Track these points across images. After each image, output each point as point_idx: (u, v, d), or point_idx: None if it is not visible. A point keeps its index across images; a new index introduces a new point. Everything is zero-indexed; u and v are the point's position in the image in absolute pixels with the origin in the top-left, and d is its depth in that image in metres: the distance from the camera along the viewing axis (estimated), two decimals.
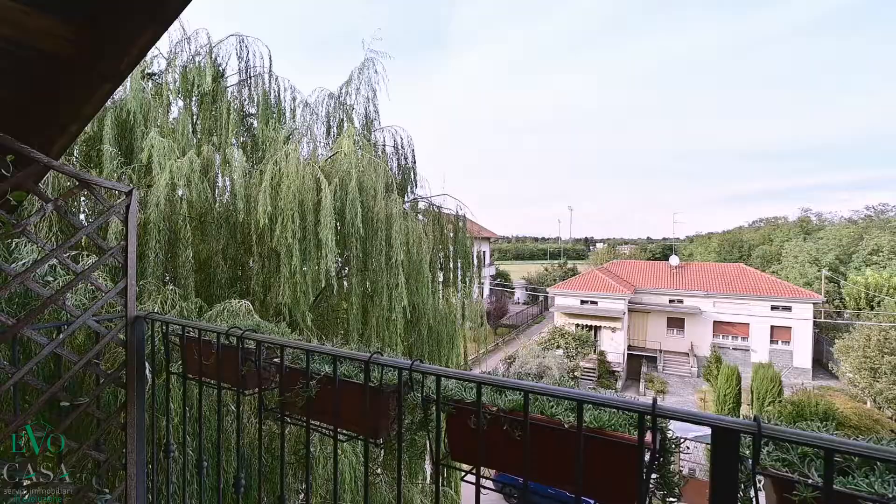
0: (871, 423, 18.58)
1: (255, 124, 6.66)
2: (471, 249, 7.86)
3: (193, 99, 6.25)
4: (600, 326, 28.44)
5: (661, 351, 29.12)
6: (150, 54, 6.34)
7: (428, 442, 1.75)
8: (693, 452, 14.87)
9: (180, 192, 5.08)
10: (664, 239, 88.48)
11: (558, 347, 25.20)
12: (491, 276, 43.82)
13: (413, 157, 7.78)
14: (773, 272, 42.14)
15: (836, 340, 24.80)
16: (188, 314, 4.09)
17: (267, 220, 4.97)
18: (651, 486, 1.43)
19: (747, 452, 1.21)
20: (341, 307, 6.63)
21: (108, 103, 5.18)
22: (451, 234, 7.77)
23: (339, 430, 1.96)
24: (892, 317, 25.33)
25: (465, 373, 1.69)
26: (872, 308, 29.71)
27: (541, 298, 44.85)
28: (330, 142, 7.25)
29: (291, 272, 5.00)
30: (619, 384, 25.88)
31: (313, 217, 5.31)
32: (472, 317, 7.94)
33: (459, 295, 7.77)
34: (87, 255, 4.10)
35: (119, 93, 5.34)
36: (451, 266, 7.84)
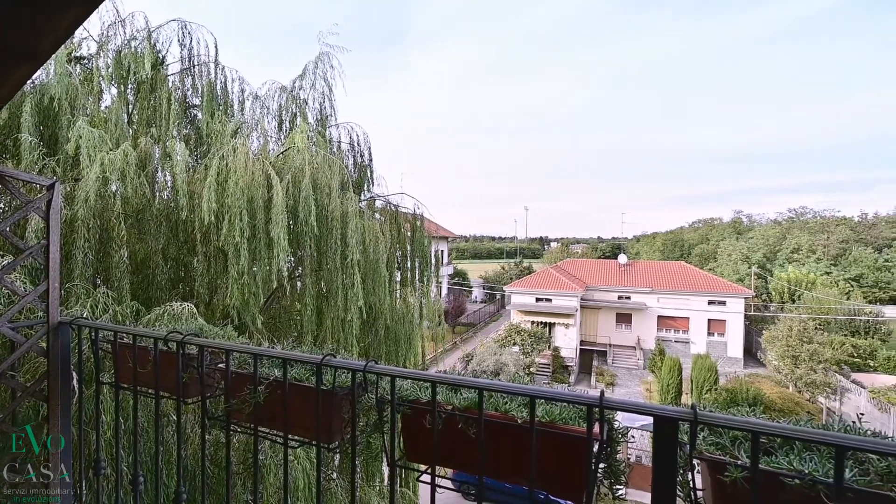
0: (792, 405, 20.47)
1: (200, 116, 6.28)
2: (428, 248, 7.85)
3: (129, 87, 5.80)
4: (554, 323, 29.37)
5: (610, 345, 30.51)
6: (78, 35, 5.82)
7: (383, 443, 1.72)
8: (640, 441, 15.70)
9: (114, 188, 4.69)
10: (613, 238, 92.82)
11: (515, 344, 25.76)
12: (449, 275, 44.06)
13: (370, 154, 7.66)
14: (710, 269, 45.34)
15: (764, 331, 27.07)
16: (123, 319, 3.79)
17: (213, 218, 4.70)
18: (599, 475, 1.48)
19: (686, 438, 1.28)
20: (294, 308, 6.41)
21: (28, 87, 4.69)
22: (409, 233, 7.72)
23: (289, 435, 1.88)
24: (810, 309, 28.02)
25: (420, 372, 1.68)
26: (794, 301, 32.70)
27: (498, 297, 45.65)
28: (282, 137, 6.98)
29: (240, 272, 4.76)
30: (572, 378, 26.86)
31: (264, 215, 5.08)
32: (430, 316, 7.93)
33: (417, 294, 7.74)
34: (2, 256, 3.70)
35: (41, 76, 4.85)
36: (409, 265, 7.79)
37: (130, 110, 5.96)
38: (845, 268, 44.59)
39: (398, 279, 7.68)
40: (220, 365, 2.04)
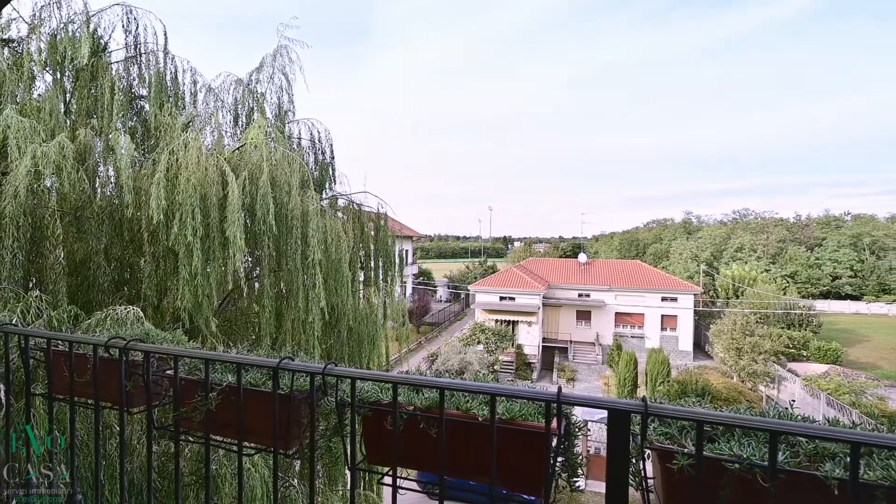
0: (736, 394, 21.87)
1: (147, 108, 5.92)
2: (393, 248, 7.78)
3: (67, 74, 5.38)
4: (518, 321, 29.93)
5: (571, 342, 31.45)
6: (6, 14, 5.33)
7: (344, 447, 1.68)
8: (598, 433, 16.27)
9: (48, 182, 4.34)
10: (574, 238, 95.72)
11: (479, 343, 26.03)
12: (413, 274, 43.90)
13: (331, 152, 7.49)
14: (663, 268, 47.70)
15: (711, 326, 28.77)
16: (59, 324, 3.51)
17: (162, 216, 4.43)
18: (557, 468, 1.52)
19: (638, 430, 1.34)
20: (252, 310, 6.17)
21: None
22: (373, 233, 7.62)
23: (244, 443, 1.81)
24: (751, 304, 30.03)
25: (381, 374, 1.66)
26: (738, 297, 34.96)
27: (462, 296, 45.96)
28: (238, 132, 6.70)
29: (192, 273, 4.52)
30: (535, 375, 27.47)
31: (218, 213, 4.86)
32: (394, 316, 7.87)
33: (381, 294, 7.65)
34: None
35: None
36: (373, 265, 7.69)
37: (68, 99, 5.53)
38: (782, 265, 48.18)
39: (361, 279, 7.57)
40: (168, 371, 1.93)
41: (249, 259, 6.34)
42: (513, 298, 30.27)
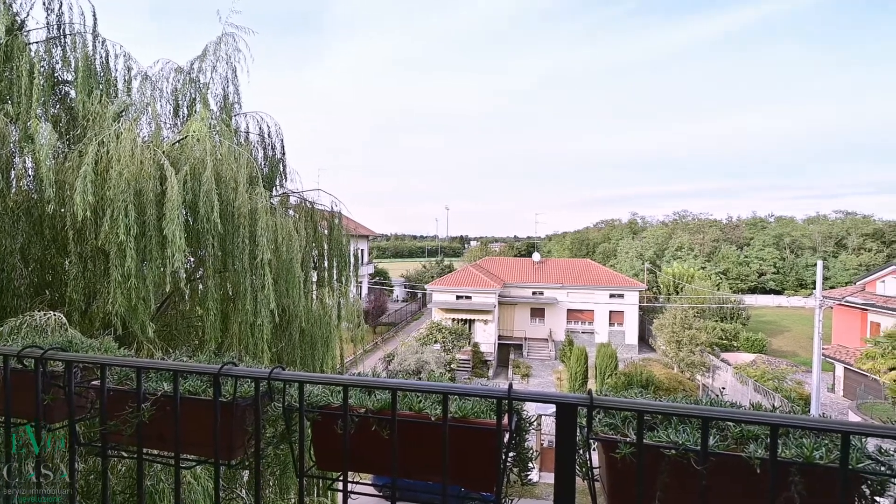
0: (677, 384, 23.34)
1: (74, 94, 5.42)
2: (347, 247, 7.61)
3: None
4: (474, 319, 30.29)
5: (525, 338, 32.28)
6: None
7: (292, 453, 1.62)
8: (551, 427, 16.79)
9: None
10: (529, 237, 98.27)
11: (436, 342, 26.08)
12: (369, 274, 43.26)
13: (282, 147, 7.21)
14: (611, 266, 50.07)
15: (654, 320, 30.53)
16: None
17: (89, 213, 4.07)
18: (509, 463, 1.54)
19: (585, 422, 1.38)
20: (195, 314, 5.82)
21: None
22: (326, 232, 7.42)
23: (183, 455, 1.69)
24: (689, 299, 32.17)
25: (331, 376, 1.61)
26: (678, 293, 37.32)
27: (419, 295, 45.87)
28: (179, 124, 6.29)
29: (125, 275, 4.19)
30: (491, 372, 27.93)
31: (156, 210, 4.53)
32: (349, 317, 7.70)
33: (335, 295, 7.46)
34: None
35: None
36: (327, 265, 7.49)
37: None
38: (716, 263, 52.07)
39: (315, 279, 7.35)
40: (94, 382, 1.77)
41: (192, 259, 5.97)
42: (469, 297, 30.59)
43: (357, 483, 1.67)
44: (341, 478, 1.58)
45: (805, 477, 1.16)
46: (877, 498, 1.19)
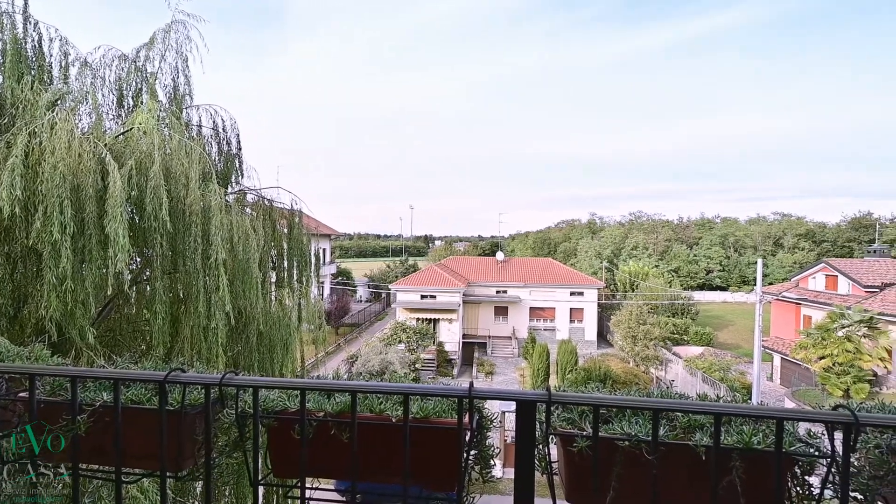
0: (633, 377, 24.38)
1: (1, 80, 4.96)
2: (308, 246, 7.41)
3: None
4: (439, 319, 30.34)
5: (490, 337, 32.68)
6: None
7: (245, 461, 1.55)
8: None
9: None
10: (492, 237, 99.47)
11: (400, 342, 25.92)
12: (332, 274, 42.38)
13: (238, 142, 6.92)
14: (572, 264, 51.60)
15: (612, 316, 31.76)
16: None
17: (18, 210, 3.73)
18: (470, 462, 1.55)
19: (544, 417, 1.41)
20: (142, 318, 5.48)
21: None
22: (286, 230, 7.19)
23: (125, 468, 1.58)
24: (644, 296, 33.72)
25: (288, 380, 1.56)
26: (633, 290, 39.00)
27: (383, 295, 45.42)
28: (123, 115, 5.90)
29: (61, 277, 3.87)
30: (456, 371, 28.08)
31: (96, 207, 4.22)
32: (310, 318, 7.50)
33: (295, 296, 7.25)
34: None
35: None
36: (286, 265, 7.26)
37: None
38: (668, 261, 54.85)
39: (274, 280, 7.11)
40: (22, 394, 1.63)
41: (138, 260, 5.62)
42: (434, 296, 30.61)
43: (316, 489, 1.62)
44: (296, 484, 1.53)
45: (745, 461, 1.24)
46: (806, 477, 1.29)
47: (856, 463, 1.25)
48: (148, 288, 5.32)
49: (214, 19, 6.19)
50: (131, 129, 4.96)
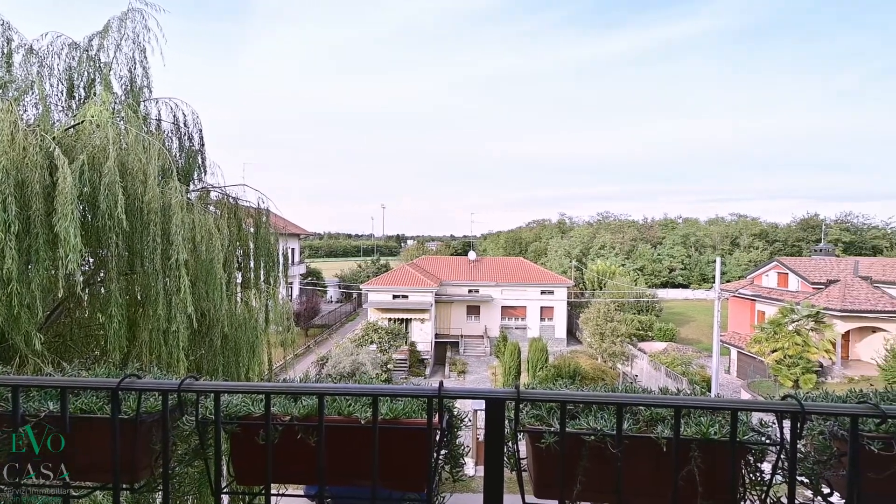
0: (600, 373, 25.04)
1: None
2: (276, 246, 7.21)
3: None
4: (411, 319, 30.24)
5: (462, 336, 32.83)
6: None
7: (207, 469, 1.49)
8: None
9: None
10: (465, 236, 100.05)
11: (372, 343, 25.66)
12: (301, 274, 41.49)
13: (201, 138, 6.65)
14: (542, 263, 52.53)
15: (581, 314, 32.54)
16: None
17: None
18: (441, 461, 1.55)
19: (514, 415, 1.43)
20: (96, 321, 5.19)
21: None
22: (252, 230, 6.97)
23: (74, 483, 1.49)
24: (611, 294, 34.75)
25: (251, 384, 1.52)
26: (601, 288, 40.11)
27: (354, 295, 44.84)
28: (74, 107, 5.56)
29: (5, 279, 3.61)
30: (428, 370, 28.05)
31: (44, 205, 3.97)
32: (278, 320, 7.31)
33: (263, 297, 7.04)
34: None
35: None
36: (253, 265, 7.04)
37: None
38: (634, 260, 56.73)
39: (239, 281, 6.88)
40: None
41: (91, 260, 5.32)
42: (406, 296, 30.47)
43: (283, 496, 1.58)
44: (261, 491, 1.48)
45: (703, 451, 1.29)
46: (759, 464, 1.36)
47: (802, 449, 1.33)
48: (102, 290, 5.04)
49: (176, 9, 5.92)
50: (83, 121, 4.68)
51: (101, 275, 5.07)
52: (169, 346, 4.82)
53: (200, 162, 6.71)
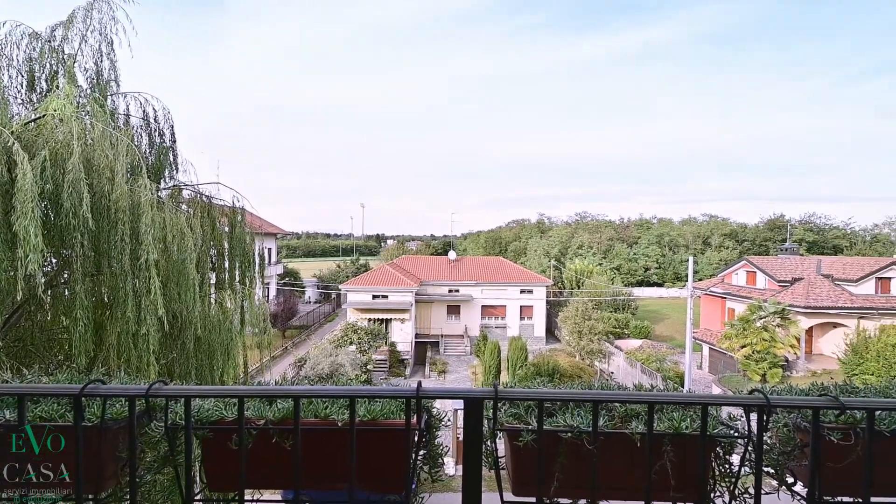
0: (578, 371, 25.45)
1: None
2: (251, 246, 7.06)
3: None
4: (391, 319, 30.06)
5: (442, 335, 32.84)
6: None
7: (177, 476, 1.45)
8: None
9: None
10: (445, 236, 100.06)
11: (351, 343, 25.40)
12: (278, 274, 40.73)
13: (172, 134, 6.45)
14: (522, 263, 53.01)
15: (559, 313, 33.01)
16: None
17: None
18: (419, 462, 1.54)
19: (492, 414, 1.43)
20: (59, 325, 4.97)
21: None
22: (227, 229, 6.80)
23: (34, 493, 1.42)
24: (589, 293, 35.39)
25: (224, 388, 1.48)
26: (579, 287, 40.78)
27: (333, 296, 44.30)
28: (35, 100, 5.31)
29: None
30: (408, 371, 27.96)
31: (2, 202, 3.77)
32: (253, 321, 7.15)
33: (238, 298, 6.88)
34: None
35: None
36: (227, 265, 6.87)
37: None
38: (611, 259, 57.90)
39: (213, 282, 6.70)
40: None
41: (55, 261, 5.09)
42: (386, 296, 30.28)
43: (258, 501, 1.55)
44: (234, 497, 1.44)
45: (675, 445, 1.32)
46: (728, 456, 1.40)
47: (769, 441, 1.38)
48: (67, 292, 4.83)
49: (147, 1, 5.72)
50: (44, 115, 4.47)
51: (66, 276, 4.86)
52: (139, 350, 4.66)
53: (172, 159, 6.50)
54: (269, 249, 37.20)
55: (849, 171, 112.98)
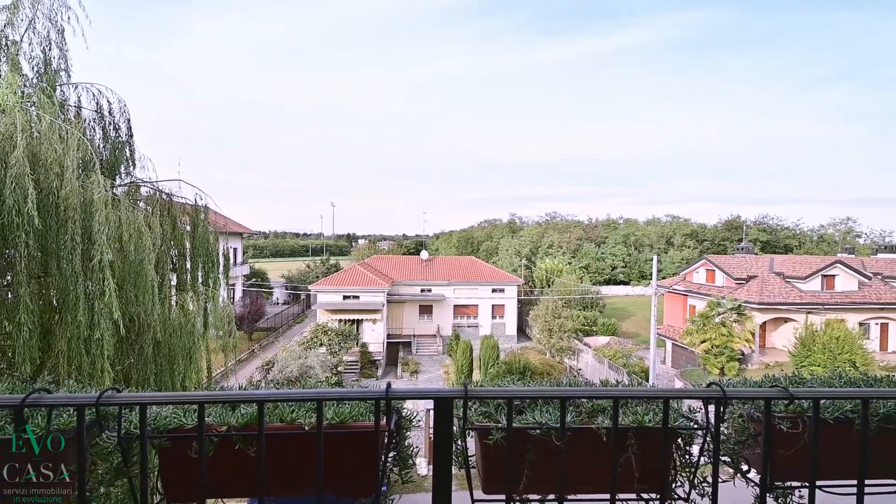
0: (549, 368, 25.91)
1: None
2: (215, 245, 6.81)
3: None
4: (362, 319, 29.70)
5: (414, 335, 32.74)
6: None
7: (132, 488, 1.37)
8: None
9: None
10: (417, 235, 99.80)
11: (321, 345, 24.92)
12: (244, 275, 39.51)
13: (129, 128, 6.14)
14: (493, 262, 53.55)
15: (530, 311, 33.53)
16: None
17: None
18: (389, 463, 1.52)
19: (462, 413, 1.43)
20: (2, 330, 4.63)
21: None
22: (189, 228, 6.54)
23: None
24: (559, 291, 36.11)
25: (182, 394, 1.41)
26: (549, 286, 41.55)
27: (302, 297, 43.36)
28: None
29: None
30: (380, 371, 27.71)
31: None
32: (217, 324, 6.90)
33: (201, 299, 6.62)
34: None
35: None
36: (189, 266, 6.60)
37: None
38: (579, 259, 59.33)
39: (174, 283, 6.42)
40: None
41: None
42: (357, 297, 29.90)
43: None
44: None
45: (639, 438, 1.36)
46: (688, 447, 1.46)
47: (725, 431, 1.45)
48: (10, 295, 4.51)
49: None
50: None
51: (8, 278, 4.54)
52: (91, 356, 4.40)
53: (129, 154, 6.19)
54: (235, 249, 36.01)
55: (799, 175, 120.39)
